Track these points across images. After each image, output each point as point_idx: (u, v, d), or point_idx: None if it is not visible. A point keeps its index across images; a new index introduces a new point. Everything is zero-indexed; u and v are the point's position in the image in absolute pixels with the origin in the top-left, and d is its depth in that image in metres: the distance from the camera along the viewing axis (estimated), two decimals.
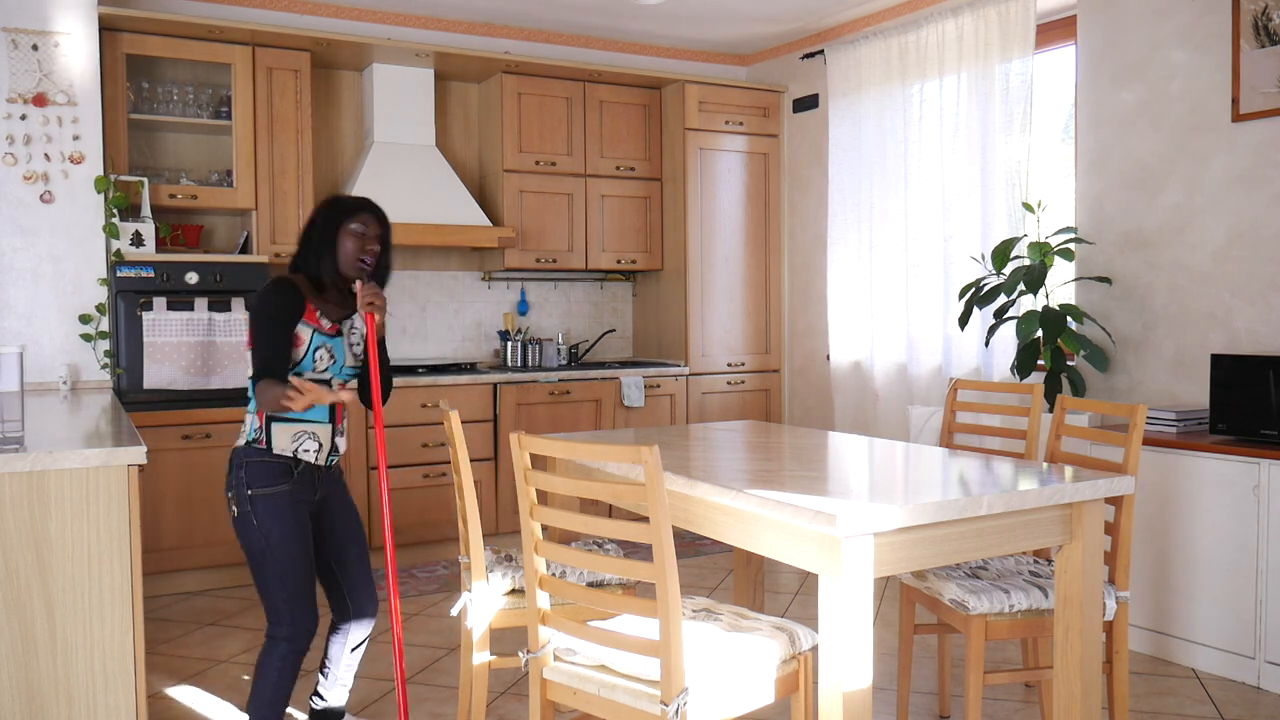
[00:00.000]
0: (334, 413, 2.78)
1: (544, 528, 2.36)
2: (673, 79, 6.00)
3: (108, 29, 4.70)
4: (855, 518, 2.08)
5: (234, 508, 2.66)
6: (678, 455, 2.87)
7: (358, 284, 2.73)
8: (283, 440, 2.69)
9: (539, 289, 6.20)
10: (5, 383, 2.57)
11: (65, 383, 4.46)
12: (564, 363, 5.90)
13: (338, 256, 2.73)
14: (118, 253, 4.58)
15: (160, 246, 4.82)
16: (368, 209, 2.78)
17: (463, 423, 5.32)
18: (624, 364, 6.04)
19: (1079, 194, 4.59)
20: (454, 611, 2.93)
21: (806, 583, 4.82)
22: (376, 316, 2.76)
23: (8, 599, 2.37)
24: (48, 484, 2.39)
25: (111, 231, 4.59)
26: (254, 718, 2.70)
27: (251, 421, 2.71)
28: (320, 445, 2.75)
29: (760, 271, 6.26)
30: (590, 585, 2.88)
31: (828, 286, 5.82)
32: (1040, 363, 4.38)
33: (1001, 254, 4.45)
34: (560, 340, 5.99)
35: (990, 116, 4.86)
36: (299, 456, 2.71)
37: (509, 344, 5.83)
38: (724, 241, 6.12)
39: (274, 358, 2.63)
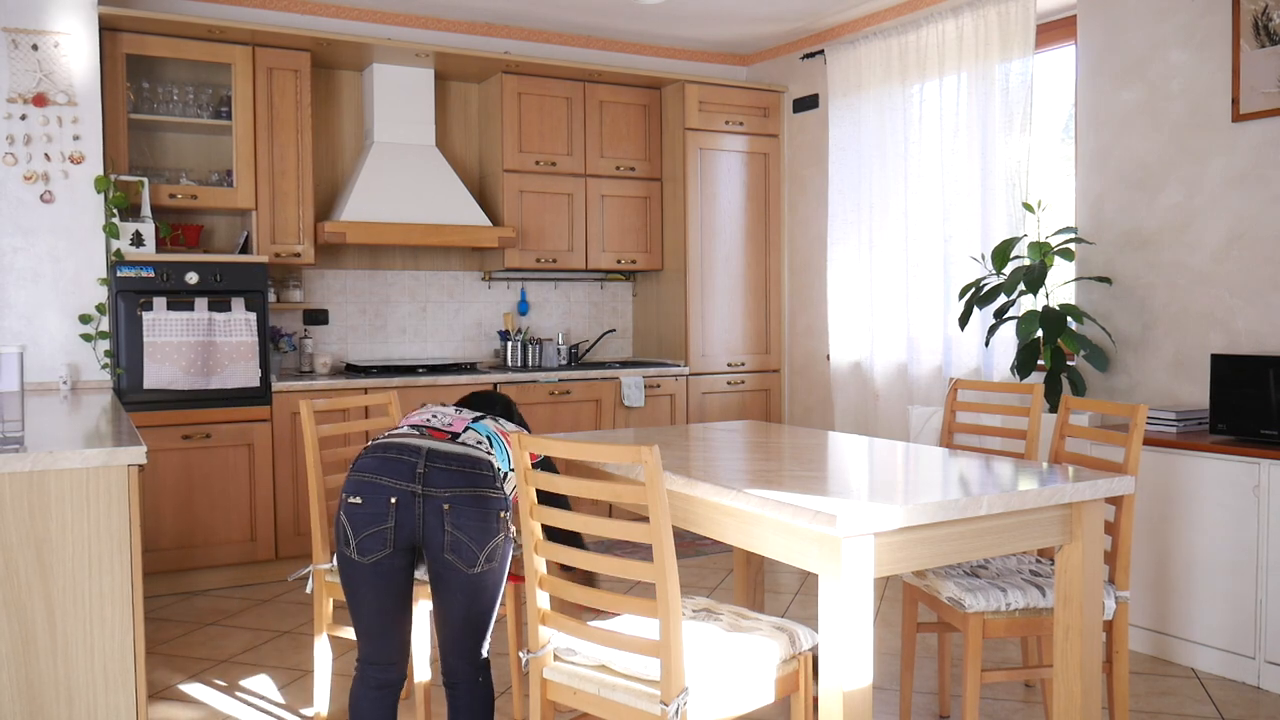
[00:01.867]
0: None
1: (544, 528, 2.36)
2: (673, 79, 6.00)
3: (108, 29, 4.70)
4: (855, 518, 2.08)
5: (509, 531, 2.39)
6: (678, 455, 2.87)
7: None
8: None
9: (539, 289, 6.20)
10: (5, 383, 2.58)
11: (65, 383, 4.46)
12: (564, 363, 5.91)
13: None
14: (118, 252, 4.58)
15: (160, 246, 4.82)
16: None
17: None
18: (624, 364, 6.04)
19: (1079, 194, 4.59)
20: (291, 577, 3.02)
21: (806, 583, 4.82)
22: None
23: (8, 599, 2.37)
24: (48, 484, 2.39)
25: (111, 231, 4.59)
26: None
27: (506, 463, 2.47)
28: None
29: (760, 271, 6.26)
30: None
31: (828, 286, 5.82)
32: (1040, 363, 4.38)
33: (1001, 254, 4.45)
34: (560, 340, 6.00)
35: (990, 116, 4.86)
36: None
37: (509, 344, 5.83)
38: (724, 241, 6.12)
39: None
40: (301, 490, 4.87)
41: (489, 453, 2.39)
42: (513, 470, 2.42)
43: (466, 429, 2.44)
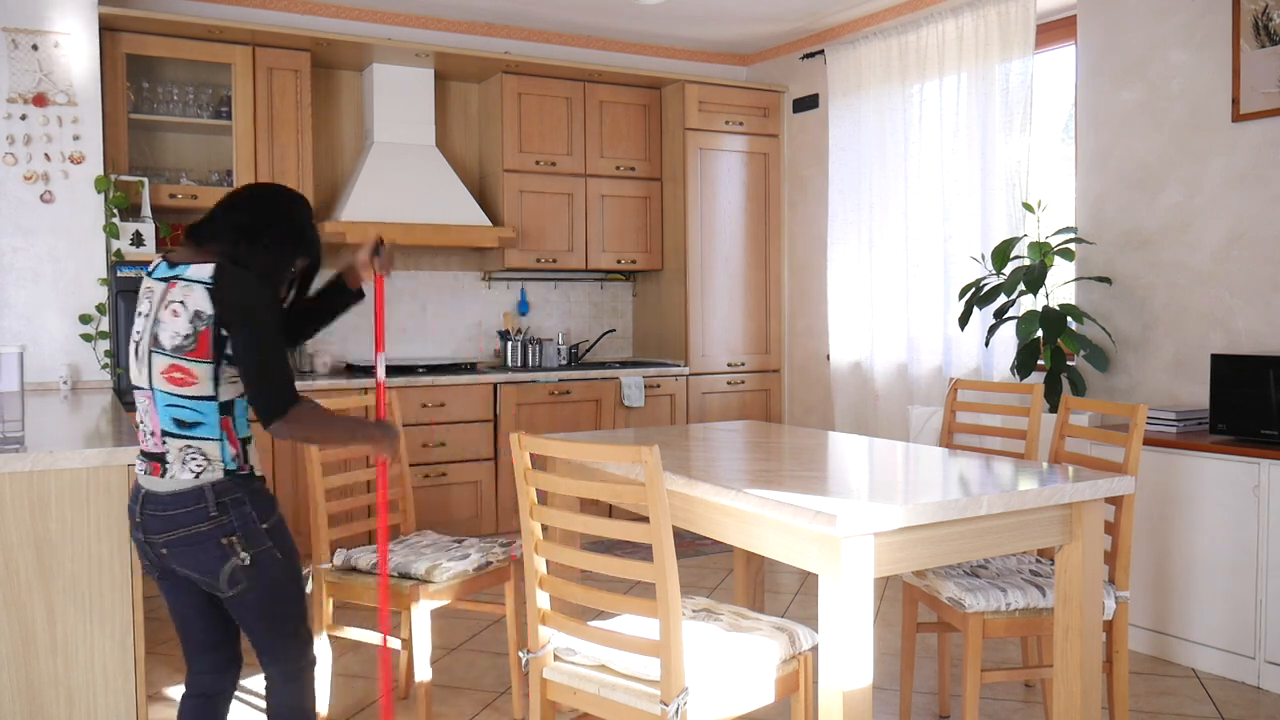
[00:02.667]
0: None
1: (544, 527, 2.36)
2: (673, 79, 6.00)
3: (108, 29, 4.70)
4: (855, 518, 2.08)
5: (242, 553, 2.14)
6: (678, 455, 2.87)
7: (368, 251, 2.56)
8: (254, 458, 2.25)
9: (539, 289, 6.20)
10: (5, 383, 2.57)
11: (65, 383, 4.46)
12: (564, 363, 5.91)
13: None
14: (118, 252, 4.58)
15: (160, 246, 4.82)
16: None
17: (462, 423, 5.34)
18: (624, 364, 6.04)
19: (1079, 194, 4.59)
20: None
21: (806, 583, 4.82)
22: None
23: (8, 599, 2.37)
24: (48, 484, 2.39)
25: (112, 231, 4.59)
26: None
27: (223, 448, 2.17)
28: None
29: (760, 271, 6.26)
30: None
31: (828, 286, 5.82)
32: (1040, 363, 4.38)
33: (1001, 254, 4.45)
34: (560, 340, 6.00)
35: (990, 116, 4.86)
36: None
37: (509, 344, 5.83)
38: (724, 241, 6.12)
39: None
40: (301, 491, 4.87)
41: (198, 468, 2.14)
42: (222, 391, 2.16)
43: (165, 437, 2.16)
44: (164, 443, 2.16)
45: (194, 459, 2.15)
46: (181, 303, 2.12)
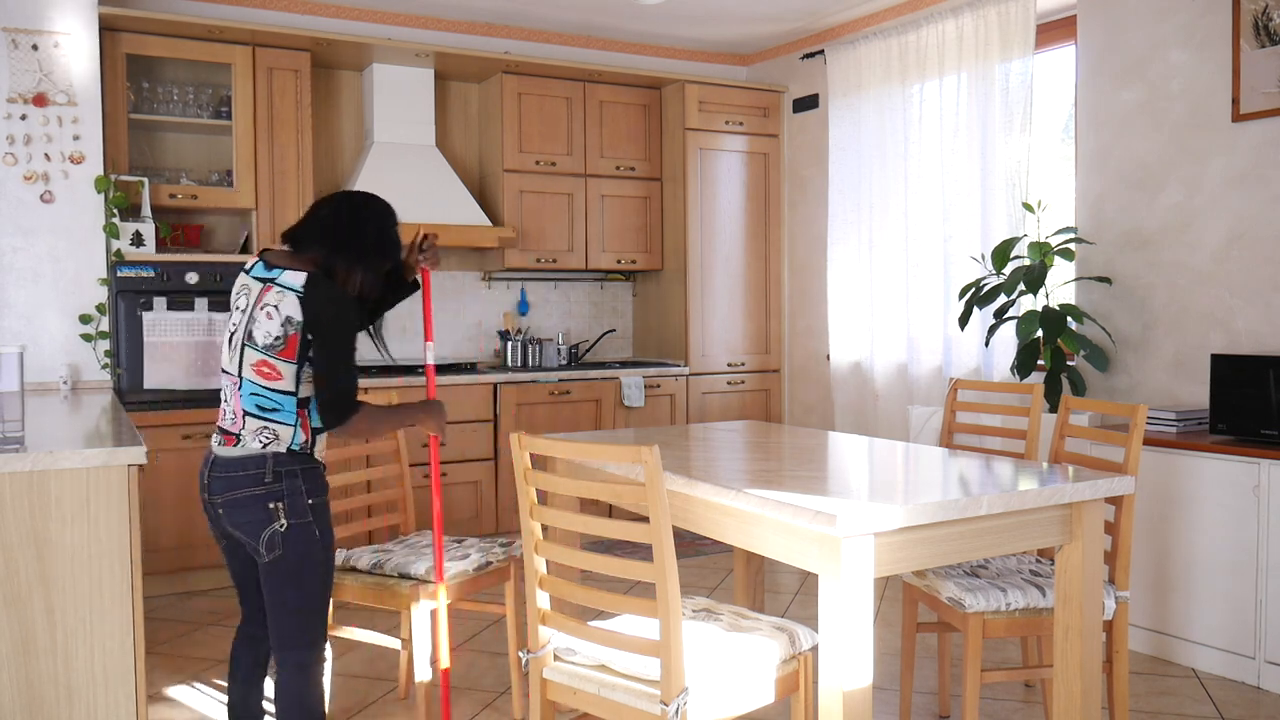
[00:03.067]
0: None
1: (544, 527, 2.36)
2: (673, 79, 6.00)
3: (108, 29, 4.70)
4: (855, 518, 2.08)
5: (284, 519, 2.37)
6: (678, 455, 2.87)
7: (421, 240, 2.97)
8: (320, 447, 2.50)
9: (539, 289, 6.20)
10: (5, 383, 2.57)
11: (65, 383, 4.46)
12: (564, 363, 5.91)
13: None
14: (118, 253, 4.58)
15: (160, 246, 4.82)
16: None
17: (462, 423, 5.33)
18: (624, 364, 6.04)
19: (1079, 194, 4.59)
20: None
21: (806, 583, 4.82)
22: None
23: (8, 599, 2.37)
24: (48, 484, 2.39)
25: (112, 231, 4.59)
26: None
27: (295, 433, 2.41)
28: None
29: (760, 271, 6.26)
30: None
31: (828, 286, 5.82)
32: (1040, 363, 4.38)
33: (1001, 254, 4.45)
34: (560, 340, 6.00)
35: (990, 116, 4.86)
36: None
37: (509, 344, 5.83)
38: (724, 241, 6.12)
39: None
40: None
41: (267, 440, 2.40)
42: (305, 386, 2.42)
43: (245, 417, 2.40)
44: (243, 423, 2.40)
45: (266, 434, 2.40)
46: (275, 306, 2.36)
